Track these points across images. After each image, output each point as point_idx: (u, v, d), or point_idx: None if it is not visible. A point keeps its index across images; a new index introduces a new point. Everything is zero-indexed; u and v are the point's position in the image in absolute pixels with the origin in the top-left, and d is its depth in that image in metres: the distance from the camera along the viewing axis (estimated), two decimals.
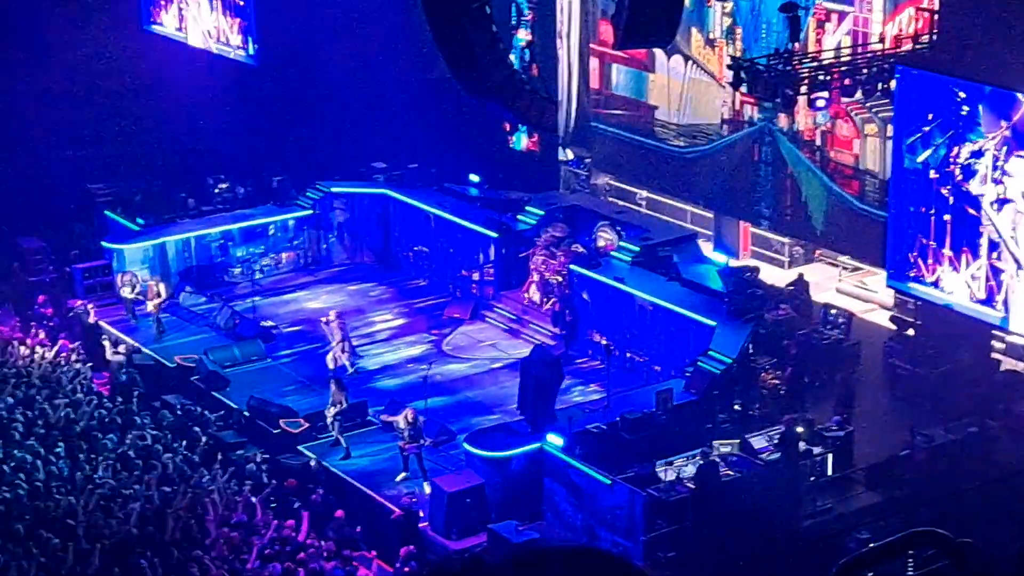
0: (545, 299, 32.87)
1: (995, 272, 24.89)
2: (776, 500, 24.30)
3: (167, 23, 40.59)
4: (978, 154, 24.73)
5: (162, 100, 38.83)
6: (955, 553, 5.66)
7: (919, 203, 26.00)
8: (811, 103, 26.21)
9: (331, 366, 30.72)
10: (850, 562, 5.75)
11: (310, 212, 36.93)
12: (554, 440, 25.66)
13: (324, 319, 31.59)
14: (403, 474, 26.81)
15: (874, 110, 30.36)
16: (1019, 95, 24.16)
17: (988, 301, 25.18)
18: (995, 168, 24.66)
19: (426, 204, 36.07)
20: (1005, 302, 24.99)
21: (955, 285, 25.47)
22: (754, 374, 27.81)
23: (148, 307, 33.27)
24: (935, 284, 25.78)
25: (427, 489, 26.21)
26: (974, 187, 25.02)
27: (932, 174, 25.68)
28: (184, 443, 27.20)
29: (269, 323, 33.06)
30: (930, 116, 25.36)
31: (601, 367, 30.12)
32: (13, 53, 38.30)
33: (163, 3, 40.73)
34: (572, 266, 32.28)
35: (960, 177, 25.12)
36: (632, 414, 26.39)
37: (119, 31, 39.79)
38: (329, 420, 28.18)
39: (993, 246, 24.87)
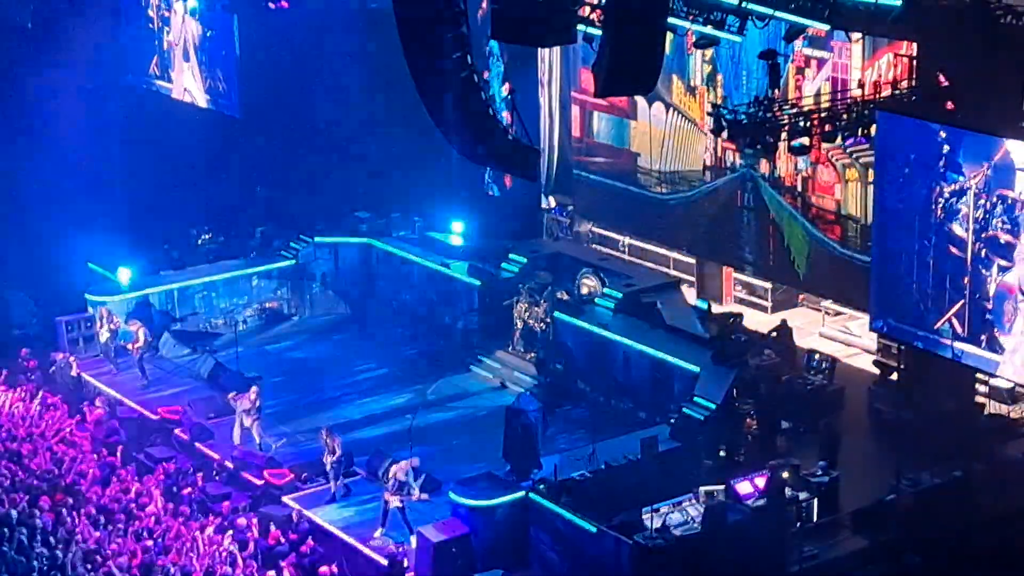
0: (529, 347, 32.88)
1: (979, 311, 24.92)
2: (763, 546, 24.23)
3: (154, 72, 40.76)
4: (960, 194, 24.83)
5: (145, 152, 38.86)
6: None
7: (902, 246, 26.05)
8: (792, 149, 26.31)
9: (237, 441, 30.13)
10: None
11: (293, 262, 36.93)
12: (539, 488, 25.60)
13: (233, 395, 30.57)
14: (380, 530, 26.68)
15: (855, 155, 30.52)
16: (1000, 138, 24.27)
17: (972, 340, 25.18)
18: (977, 208, 24.75)
19: (409, 253, 36.11)
20: (990, 342, 24.97)
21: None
22: (739, 420, 27.79)
23: (131, 350, 33.21)
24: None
25: (414, 543, 26.12)
26: (956, 228, 25.09)
27: (914, 216, 25.74)
28: (168, 495, 27.10)
29: (252, 375, 32.96)
30: (912, 157, 25.46)
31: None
32: None
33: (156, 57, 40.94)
34: (556, 313, 32.30)
35: (942, 217, 25.20)
36: (617, 461, 26.37)
37: (102, 84, 39.85)
38: (328, 468, 28.11)
39: (976, 285, 24.91)
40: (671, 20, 27.14)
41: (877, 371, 29.81)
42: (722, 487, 25.31)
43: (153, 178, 38.59)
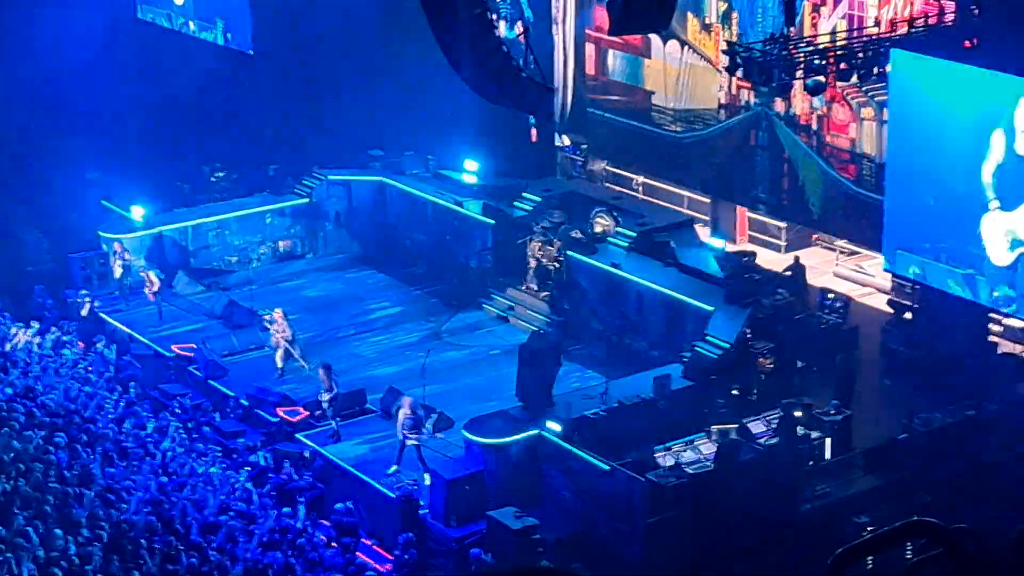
0: (542, 286, 32.89)
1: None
2: (775, 485, 24.31)
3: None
4: (978, 133, 24.72)
5: (158, 88, 38.77)
6: (949, 541, 5.66)
7: (917, 185, 25.97)
8: (807, 88, 26.19)
9: (280, 365, 30.61)
10: (846, 552, 5.75)
11: (307, 200, 36.91)
12: (552, 426, 25.67)
13: (267, 317, 31.07)
14: (395, 467, 26.78)
15: (870, 94, 30.37)
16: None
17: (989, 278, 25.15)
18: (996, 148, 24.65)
19: (423, 191, 36.07)
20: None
21: None
22: (752, 359, 27.81)
23: (147, 294, 33.26)
24: None
25: (427, 480, 26.23)
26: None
27: (930, 156, 25.65)
28: (183, 432, 27.24)
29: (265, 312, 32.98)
30: (927, 96, 25.33)
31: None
32: (5, 44, 38.25)
33: None
34: (569, 252, 32.28)
35: (960, 157, 25.09)
36: (630, 400, 26.41)
37: (111, 19, 39.70)
38: (324, 407, 28.27)
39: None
40: None
41: (891, 310, 29.78)
42: (735, 426, 25.38)
43: (166, 115, 38.53)
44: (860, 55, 26.08)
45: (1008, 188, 24.37)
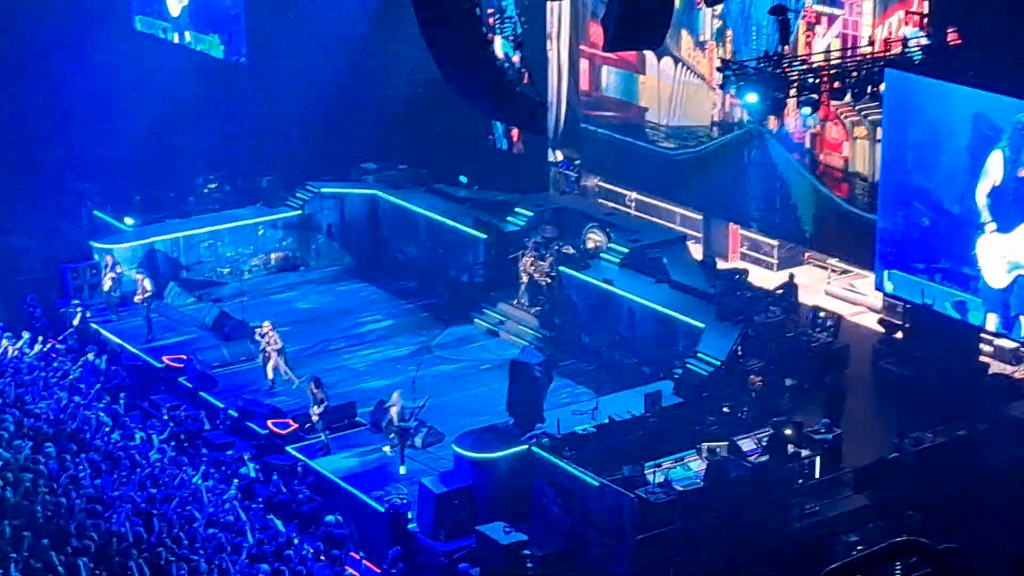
0: (534, 301, 32.88)
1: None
2: (764, 503, 24.27)
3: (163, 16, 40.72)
4: (973, 153, 24.74)
5: (151, 100, 38.74)
6: (938, 561, 5.65)
7: (909, 204, 26.00)
8: (800, 106, 26.22)
9: (270, 376, 30.62)
10: (834, 571, 5.74)
11: (300, 212, 36.89)
12: (542, 442, 25.63)
13: (259, 330, 31.21)
14: (403, 467, 26.90)
15: (863, 113, 30.41)
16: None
17: (983, 299, 25.17)
18: (991, 168, 24.69)
19: (415, 205, 36.07)
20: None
21: None
22: (743, 376, 27.79)
23: (137, 300, 33.20)
24: None
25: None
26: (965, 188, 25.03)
27: (922, 176, 25.68)
28: (172, 444, 27.17)
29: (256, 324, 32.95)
30: (920, 115, 25.37)
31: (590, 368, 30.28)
32: (1, 54, 38.25)
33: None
34: (561, 267, 32.28)
35: (951, 176, 25.12)
36: (621, 416, 26.38)
37: (105, 30, 39.70)
38: (315, 420, 28.24)
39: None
40: None
41: (882, 329, 29.78)
42: (725, 443, 25.35)
43: (160, 125, 38.51)
44: (854, 74, 26.12)
45: (1005, 210, 24.42)
